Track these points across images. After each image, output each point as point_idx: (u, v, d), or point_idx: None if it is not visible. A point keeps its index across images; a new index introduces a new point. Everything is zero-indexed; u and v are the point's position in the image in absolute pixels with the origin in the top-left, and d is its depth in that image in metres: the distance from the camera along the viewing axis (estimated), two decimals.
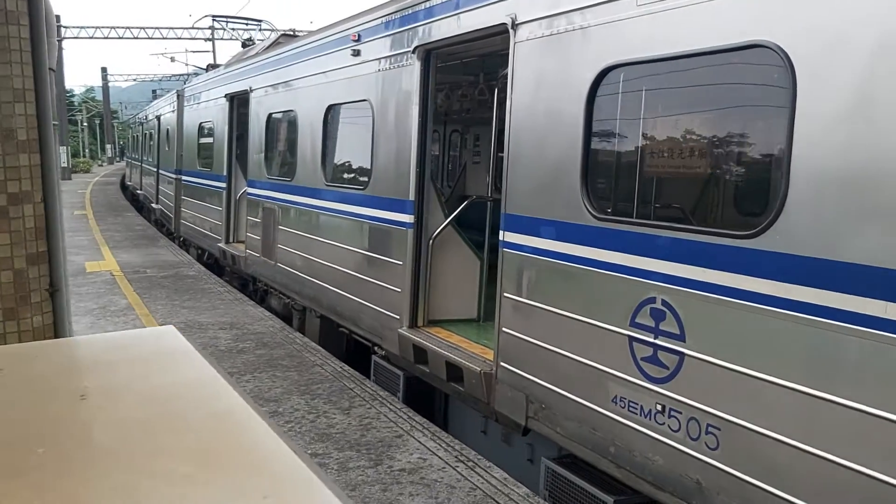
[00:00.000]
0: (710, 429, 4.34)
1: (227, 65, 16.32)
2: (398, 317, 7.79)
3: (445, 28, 7.00)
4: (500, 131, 6.92)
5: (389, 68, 8.06)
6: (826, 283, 3.73)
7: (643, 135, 5.00)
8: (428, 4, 7.30)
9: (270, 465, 1.57)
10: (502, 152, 6.28)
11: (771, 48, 3.98)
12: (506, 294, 6.09)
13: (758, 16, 4.07)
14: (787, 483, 3.93)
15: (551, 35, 5.57)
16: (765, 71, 4.14)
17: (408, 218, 7.64)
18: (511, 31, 5.97)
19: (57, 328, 3.19)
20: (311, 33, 11.55)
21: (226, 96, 14.43)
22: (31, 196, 3.75)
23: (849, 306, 3.63)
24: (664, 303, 4.61)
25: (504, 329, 6.11)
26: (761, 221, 4.05)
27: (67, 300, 3.96)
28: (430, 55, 7.46)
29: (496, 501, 5.21)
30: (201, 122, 16.89)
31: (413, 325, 7.66)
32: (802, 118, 3.83)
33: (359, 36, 8.76)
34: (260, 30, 32.59)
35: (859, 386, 3.60)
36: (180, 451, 1.62)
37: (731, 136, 4.49)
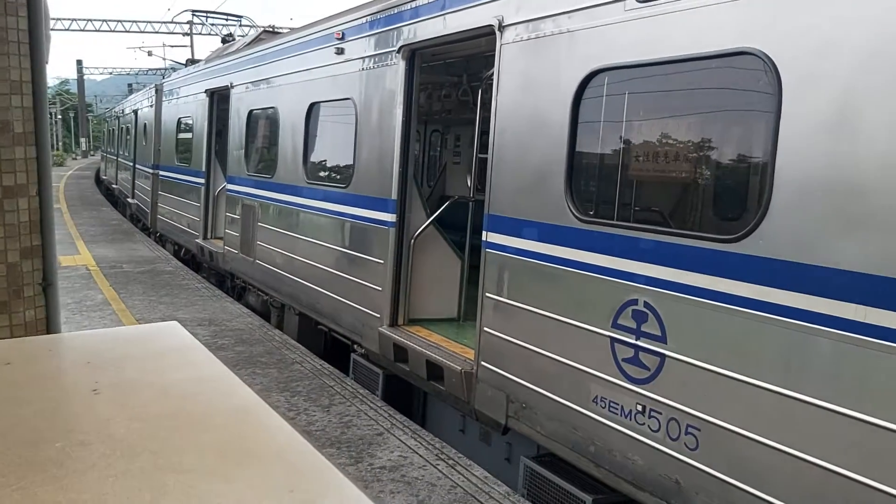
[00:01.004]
0: (689, 429, 4.40)
1: (208, 60, 16.21)
2: (379, 315, 7.80)
3: (431, 28, 7.03)
4: (483, 132, 6.96)
5: (373, 67, 8.07)
6: (805, 287, 3.80)
7: (628, 139, 5.06)
8: (414, 4, 7.32)
9: (292, 459, 1.58)
10: (484, 153, 6.31)
11: (757, 55, 4.05)
12: (487, 294, 6.12)
13: (744, 23, 4.14)
14: (764, 483, 3.99)
15: (538, 38, 5.62)
16: (751, 77, 4.21)
17: (390, 217, 7.66)
18: (498, 32, 6.01)
19: (49, 323, 3.15)
20: (293, 30, 11.51)
21: (206, 92, 14.34)
22: (26, 189, 3.71)
23: (826, 310, 3.70)
24: (646, 305, 4.67)
25: (485, 328, 6.15)
26: (744, 226, 4.12)
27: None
28: (415, 55, 7.48)
29: (476, 499, 5.24)
30: (180, 118, 16.77)
31: (394, 323, 7.67)
32: (787, 125, 3.90)
33: (343, 34, 8.76)
34: (240, 25, 32.33)
35: (835, 388, 3.67)
36: (204, 446, 1.62)
37: (715, 142, 4.56)
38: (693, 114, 4.68)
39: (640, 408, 4.71)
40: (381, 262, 7.77)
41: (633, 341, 4.75)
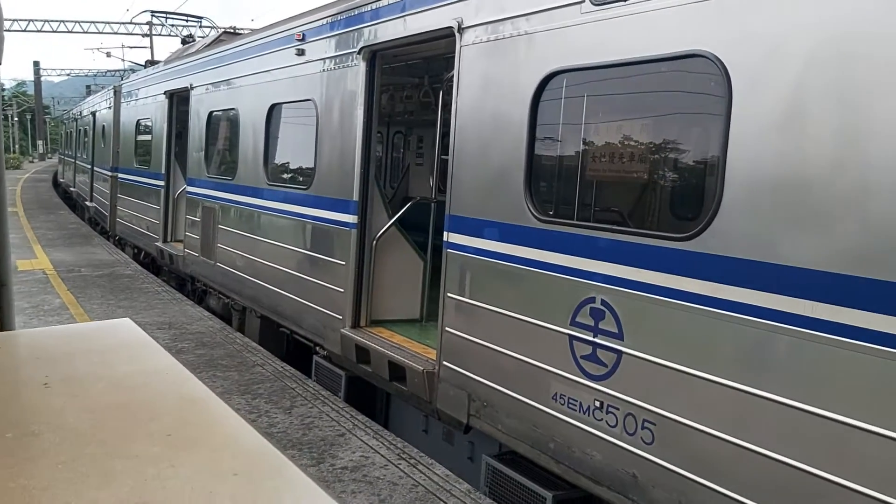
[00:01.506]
0: (646, 424, 4.48)
1: (167, 61, 16.05)
2: (341, 317, 7.79)
3: (392, 30, 7.05)
4: (445, 134, 7.00)
5: (334, 68, 8.07)
6: (757, 284, 3.90)
7: (585, 139, 5.13)
8: (374, 6, 7.34)
9: (238, 445, 1.60)
10: (446, 154, 6.35)
11: (708, 58, 4.14)
12: (449, 294, 6.16)
13: (696, 26, 4.24)
14: (719, 476, 4.08)
15: (497, 40, 5.68)
16: (702, 79, 4.30)
17: (351, 218, 7.66)
18: (457, 34, 6.05)
19: (3, 324, 3.11)
20: (254, 31, 11.47)
21: (165, 93, 14.20)
22: None
23: (778, 306, 3.80)
24: (603, 302, 4.74)
25: (447, 329, 6.18)
26: (697, 224, 4.21)
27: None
28: (376, 56, 7.50)
29: (438, 497, 5.27)
30: (139, 119, 16.58)
31: (356, 325, 7.68)
32: (737, 125, 3.99)
33: (303, 35, 8.75)
34: (200, 26, 32.04)
35: (787, 382, 3.77)
36: (152, 433, 1.64)
37: (669, 142, 4.65)
38: (648, 115, 4.77)
39: (598, 404, 4.79)
40: (343, 263, 7.77)
41: (590, 339, 4.82)
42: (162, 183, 14.35)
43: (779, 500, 3.80)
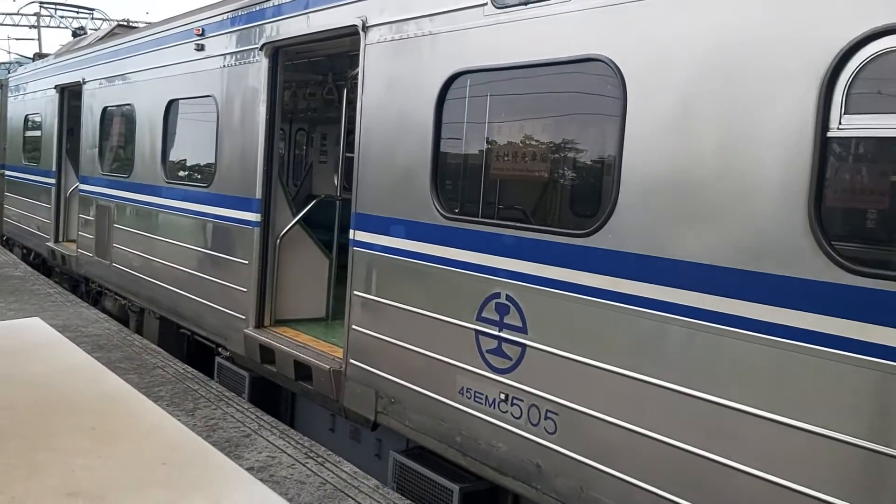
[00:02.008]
0: (548, 414, 4.63)
1: (58, 54, 15.38)
2: (244, 317, 7.69)
3: (295, 27, 7.01)
4: (349, 131, 7.00)
5: (235, 64, 7.95)
6: (651, 278, 4.10)
7: (488, 139, 5.25)
8: (276, 2, 7.27)
9: (162, 436, 1.61)
10: (351, 152, 6.36)
11: (605, 62, 4.31)
12: (356, 292, 6.18)
13: (593, 31, 4.41)
14: (618, 462, 4.26)
15: (402, 39, 5.73)
16: (599, 82, 4.48)
17: (254, 216, 7.57)
18: (362, 33, 6.08)
19: None
20: (151, 25, 11.14)
21: (56, 87, 13.63)
22: None
23: (670, 298, 4.01)
24: (508, 297, 4.87)
25: (354, 327, 6.20)
26: (595, 221, 4.38)
27: None
28: (279, 53, 7.43)
29: (346, 494, 5.29)
30: (28, 115, 15.85)
31: (260, 325, 7.59)
32: (632, 127, 4.18)
33: (203, 30, 8.57)
34: (92, 18, 30.77)
35: (679, 370, 3.98)
36: (75, 428, 1.63)
37: (568, 143, 4.82)
38: (549, 116, 4.92)
39: (503, 396, 4.91)
40: (246, 262, 7.66)
41: (496, 333, 4.94)
42: (53, 181, 13.77)
43: (671, 481, 4.00)
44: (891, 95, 3.39)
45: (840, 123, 3.40)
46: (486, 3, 5.01)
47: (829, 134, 3.43)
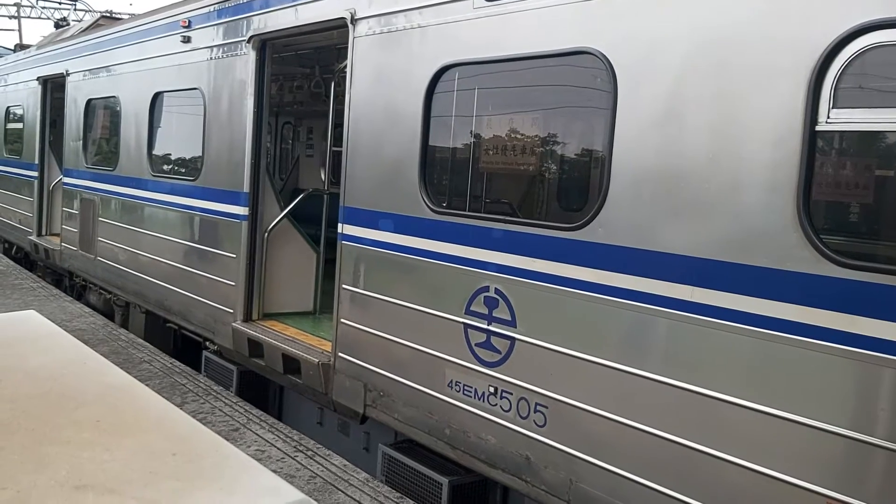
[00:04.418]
0: (538, 407, 4.65)
1: (40, 46, 15.24)
2: (232, 311, 7.66)
3: (283, 19, 6.97)
4: (337, 125, 6.99)
5: (222, 57, 7.90)
6: (640, 271, 4.12)
7: (478, 132, 5.25)
8: None
9: (170, 427, 1.60)
10: (338, 146, 6.34)
11: (595, 55, 4.32)
12: (344, 286, 6.17)
13: (583, 24, 4.41)
14: (607, 454, 4.29)
15: (391, 32, 5.71)
16: (589, 75, 4.49)
17: (242, 210, 7.54)
18: (350, 25, 6.05)
19: None
20: (136, 16, 11.05)
21: (38, 79, 13.50)
22: None
23: (660, 291, 4.03)
24: (497, 291, 4.88)
25: (342, 320, 6.19)
26: (584, 215, 4.40)
27: None
28: (266, 45, 7.39)
29: (336, 488, 5.29)
30: (9, 107, 15.70)
31: (248, 318, 7.56)
32: (622, 121, 4.19)
33: (189, 22, 8.51)
34: (75, 10, 30.50)
35: (667, 362, 4.00)
36: (80, 420, 1.62)
37: (558, 136, 4.83)
38: (538, 109, 4.93)
39: (492, 389, 4.92)
40: (234, 256, 7.64)
41: (485, 326, 4.95)
42: (35, 174, 13.65)
43: (660, 473, 4.03)
44: (878, 90, 3.42)
45: (828, 118, 3.43)
46: None
47: (818, 128, 3.45)
